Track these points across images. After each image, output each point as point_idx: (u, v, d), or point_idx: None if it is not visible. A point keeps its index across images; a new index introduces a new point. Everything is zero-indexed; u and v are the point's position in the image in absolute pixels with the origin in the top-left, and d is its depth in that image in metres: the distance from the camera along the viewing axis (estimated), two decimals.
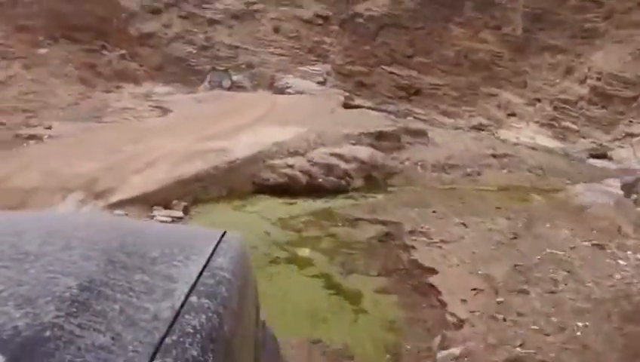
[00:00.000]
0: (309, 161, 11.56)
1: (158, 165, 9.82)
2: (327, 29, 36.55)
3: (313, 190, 11.03)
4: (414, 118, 26.50)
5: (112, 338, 0.88)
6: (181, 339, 0.93)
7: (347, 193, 11.52)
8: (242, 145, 11.59)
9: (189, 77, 28.86)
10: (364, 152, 12.95)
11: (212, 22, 34.63)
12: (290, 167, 11.04)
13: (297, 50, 35.71)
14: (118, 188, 8.53)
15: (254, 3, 36.73)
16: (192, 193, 9.39)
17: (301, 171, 11.08)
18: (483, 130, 26.99)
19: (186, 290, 1.07)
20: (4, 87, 15.53)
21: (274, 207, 9.62)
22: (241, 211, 9.12)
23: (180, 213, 8.21)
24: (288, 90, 29.12)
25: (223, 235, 1.40)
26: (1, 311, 0.87)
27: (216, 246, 1.32)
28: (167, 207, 8.52)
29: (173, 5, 33.19)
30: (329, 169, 11.56)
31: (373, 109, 24.51)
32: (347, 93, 28.67)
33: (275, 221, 8.54)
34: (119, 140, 11.57)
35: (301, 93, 27.84)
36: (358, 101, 27.84)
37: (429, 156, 15.76)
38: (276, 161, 11.23)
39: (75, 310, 0.91)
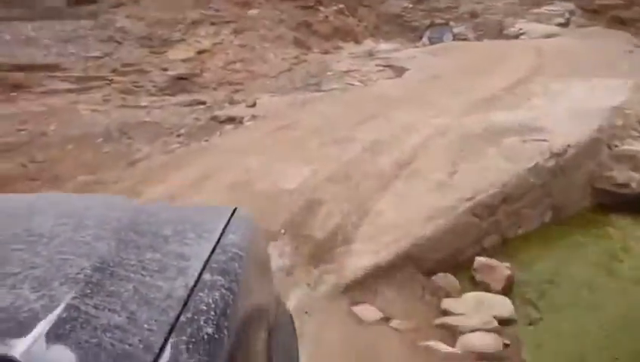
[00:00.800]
0: None
1: (417, 170, 4.89)
2: None
3: None
4: None
5: (127, 318, 0.82)
6: (195, 317, 0.85)
7: None
8: (557, 118, 6.03)
9: (405, 34, 23.92)
10: None
11: None
12: None
13: None
14: (357, 235, 3.79)
15: None
16: (494, 230, 4.28)
17: None
18: None
19: (199, 268, 0.98)
20: (210, 57, 12.12)
21: None
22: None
23: (510, 310, 3.13)
24: (522, 38, 22.37)
25: (233, 212, 1.26)
26: (17, 294, 0.81)
27: (227, 223, 1.20)
28: (456, 272, 3.56)
29: None
30: None
31: None
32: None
33: None
34: (342, 119, 6.91)
35: (542, 38, 20.91)
36: None
37: None
38: (637, 147, 5.47)
39: (89, 291, 0.85)
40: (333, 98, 8.74)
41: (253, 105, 8.48)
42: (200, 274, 0.95)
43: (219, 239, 1.10)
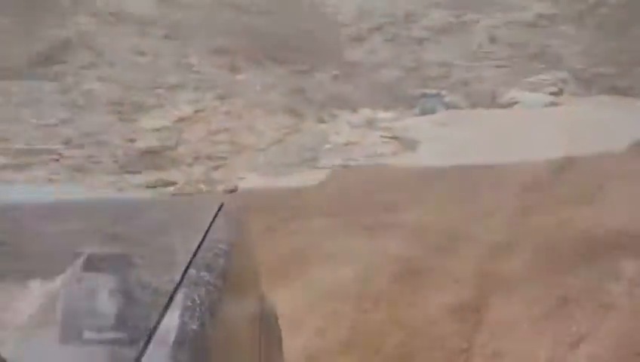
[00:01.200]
0: None
1: (501, 353, 2.75)
2: (554, 30, 27.39)
3: None
4: None
5: (114, 314, 0.76)
6: (181, 313, 0.79)
7: None
8: None
9: (400, 103, 22.59)
10: None
11: (419, 40, 28.12)
12: None
13: (520, 59, 27.32)
14: None
15: (464, 14, 29.30)
16: None
17: None
18: None
19: (185, 263, 0.92)
20: (190, 125, 10.14)
21: None
22: None
23: None
24: (516, 107, 21.16)
25: (220, 207, 1.20)
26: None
27: (214, 218, 1.14)
28: None
29: (376, 29, 27.47)
30: None
31: None
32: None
33: None
34: (356, 221, 4.81)
35: (532, 108, 19.69)
36: None
37: None
38: None
39: (75, 284, 0.81)
40: (339, 182, 6.66)
41: (234, 190, 6.37)
42: (186, 270, 0.89)
43: (205, 234, 1.04)
